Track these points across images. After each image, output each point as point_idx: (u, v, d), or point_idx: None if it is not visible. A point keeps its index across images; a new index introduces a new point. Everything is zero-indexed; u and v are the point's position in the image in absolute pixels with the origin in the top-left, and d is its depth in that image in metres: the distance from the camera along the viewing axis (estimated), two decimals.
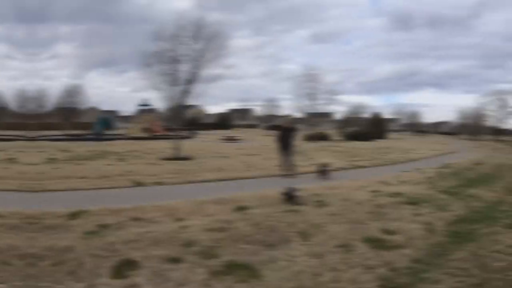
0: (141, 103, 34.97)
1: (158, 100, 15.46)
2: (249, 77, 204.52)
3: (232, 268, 3.86)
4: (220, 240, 4.67)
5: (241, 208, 6.33)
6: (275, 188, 8.30)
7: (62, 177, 9.34)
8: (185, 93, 15.12)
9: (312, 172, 11.41)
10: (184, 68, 14.95)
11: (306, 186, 8.70)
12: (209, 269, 3.78)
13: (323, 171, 10.05)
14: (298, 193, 7.07)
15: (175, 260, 3.95)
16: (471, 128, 59.51)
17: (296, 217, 5.79)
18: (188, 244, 4.47)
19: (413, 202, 7.09)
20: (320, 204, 6.74)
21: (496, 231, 5.48)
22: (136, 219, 5.51)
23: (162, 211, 6.04)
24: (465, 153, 25.36)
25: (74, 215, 5.52)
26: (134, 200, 6.94)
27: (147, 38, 15.18)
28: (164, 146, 19.86)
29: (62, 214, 5.60)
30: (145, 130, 33.09)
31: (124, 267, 3.71)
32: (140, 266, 3.75)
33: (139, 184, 8.86)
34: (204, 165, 12.51)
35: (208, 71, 15.17)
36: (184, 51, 14.82)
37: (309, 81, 39.76)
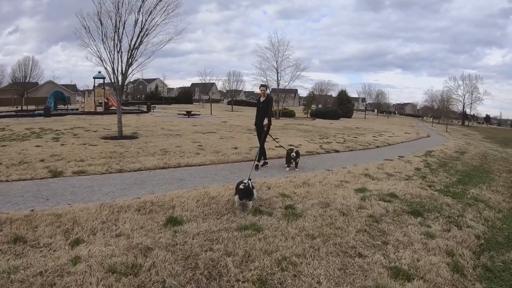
0: (97, 76, 31.52)
1: (111, 73, 12.43)
2: (215, 51, 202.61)
3: None
4: None
5: (173, 222, 4.23)
6: (229, 182, 6.30)
7: None
8: (132, 62, 12.42)
9: (278, 158, 9.45)
10: (129, 35, 12.26)
11: (271, 180, 6.73)
12: None
13: (292, 158, 8.02)
14: (255, 195, 5.05)
15: None
16: (437, 111, 60.23)
17: (255, 242, 3.73)
18: None
19: (416, 211, 5.32)
20: (291, 213, 4.74)
21: None
22: (17, 239, 3.62)
23: (59, 224, 4.06)
24: (439, 138, 24.69)
25: None
26: (37, 200, 5.04)
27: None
28: (113, 122, 17.59)
29: None
30: (100, 104, 30.02)
31: None
32: None
33: (57, 174, 6.64)
34: (148, 146, 10.18)
35: (158, 37, 12.64)
36: (129, 13, 12.11)
37: (275, 56, 37.32)
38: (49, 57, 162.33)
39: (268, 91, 8.30)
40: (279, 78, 37.74)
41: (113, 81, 12.62)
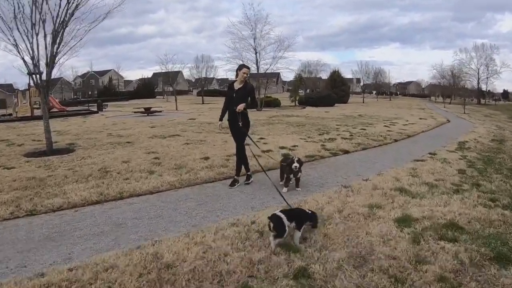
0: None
1: (31, 64, 10.58)
2: (180, 34, 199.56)
3: None
4: None
5: None
6: (194, 225, 4.69)
7: None
8: (58, 49, 10.61)
9: (266, 170, 7.86)
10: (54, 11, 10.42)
11: (261, 214, 5.04)
12: None
13: (292, 171, 6.35)
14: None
15: None
16: (447, 89, 59.90)
17: None
18: None
19: (502, 255, 3.82)
20: None
21: None
22: None
23: None
24: (462, 123, 23.60)
25: None
26: None
27: None
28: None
29: None
30: (38, 107, 27.56)
31: None
32: None
33: None
34: (83, 165, 8.47)
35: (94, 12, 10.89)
36: None
37: (252, 33, 35.36)
38: None
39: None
40: (258, 60, 36.01)
41: (34, 79, 10.86)
